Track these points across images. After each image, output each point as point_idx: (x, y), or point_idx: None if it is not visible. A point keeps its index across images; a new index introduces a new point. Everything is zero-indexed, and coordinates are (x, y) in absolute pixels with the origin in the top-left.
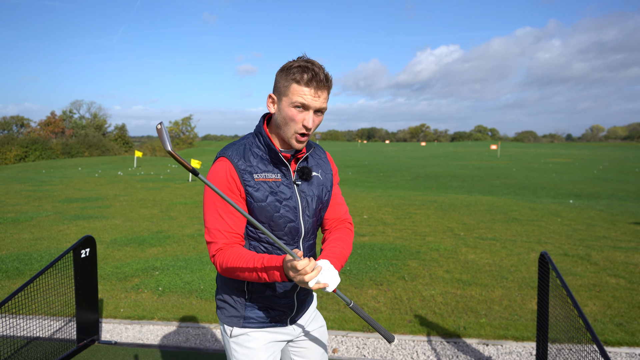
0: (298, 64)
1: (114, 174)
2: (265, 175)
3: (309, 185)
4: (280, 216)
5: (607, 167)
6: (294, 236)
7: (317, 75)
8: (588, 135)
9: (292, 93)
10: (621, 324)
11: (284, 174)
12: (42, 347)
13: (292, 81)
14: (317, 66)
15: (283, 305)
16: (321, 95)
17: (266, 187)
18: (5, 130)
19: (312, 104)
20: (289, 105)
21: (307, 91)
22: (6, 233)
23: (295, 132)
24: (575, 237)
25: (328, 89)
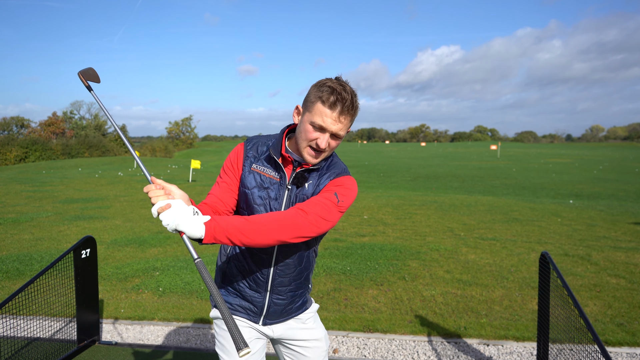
0: (330, 83)
1: (114, 175)
2: (264, 169)
3: (300, 192)
4: (258, 210)
5: (607, 167)
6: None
7: (344, 101)
8: (588, 135)
9: (314, 111)
10: (622, 324)
11: (281, 176)
12: (42, 347)
13: (318, 99)
14: (347, 91)
15: (253, 299)
16: (342, 121)
17: (257, 178)
18: (5, 130)
19: (330, 127)
20: (308, 121)
21: (329, 113)
22: (6, 234)
23: (307, 146)
24: (575, 237)
25: (352, 116)
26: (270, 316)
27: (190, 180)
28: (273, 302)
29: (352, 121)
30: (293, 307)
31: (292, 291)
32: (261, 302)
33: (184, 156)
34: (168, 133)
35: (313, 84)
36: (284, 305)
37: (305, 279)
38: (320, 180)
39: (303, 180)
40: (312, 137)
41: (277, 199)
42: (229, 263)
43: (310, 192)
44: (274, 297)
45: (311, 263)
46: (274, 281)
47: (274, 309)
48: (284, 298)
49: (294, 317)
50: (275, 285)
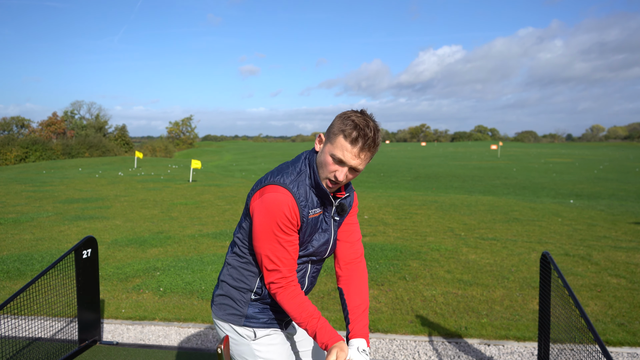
0: (355, 118)
1: (115, 175)
2: (315, 211)
3: (341, 220)
4: (311, 246)
5: (607, 167)
6: (314, 261)
7: (366, 138)
8: (588, 135)
9: (335, 144)
10: (622, 324)
11: (326, 209)
12: (43, 347)
13: (341, 133)
14: (370, 127)
15: (283, 309)
16: (362, 157)
17: (314, 221)
18: (5, 130)
19: (350, 161)
20: (329, 153)
21: (350, 148)
22: (7, 234)
23: (326, 177)
24: (576, 237)
25: (372, 152)
26: (291, 323)
27: (190, 180)
28: None
29: (372, 157)
30: None
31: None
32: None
33: (184, 156)
34: (168, 133)
35: (338, 115)
36: None
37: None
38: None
39: (346, 210)
40: (331, 170)
41: (328, 230)
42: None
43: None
44: None
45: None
46: (307, 291)
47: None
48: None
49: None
50: (305, 292)
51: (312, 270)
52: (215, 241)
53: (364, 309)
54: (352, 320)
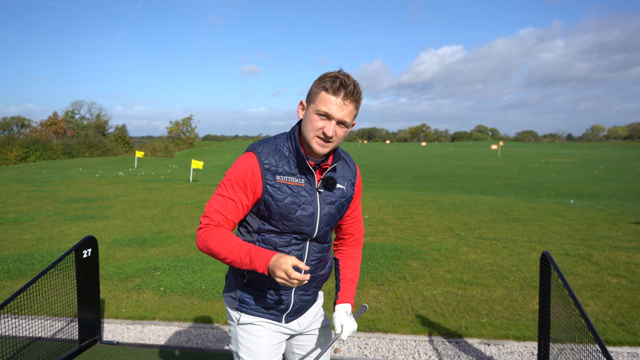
0: (332, 74)
1: (115, 175)
2: (288, 178)
3: (332, 195)
4: (295, 218)
5: (607, 166)
6: (304, 237)
7: (347, 85)
8: (589, 135)
9: (318, 100)
10: (623, 324)
11: (308, 179)
12: (44, 347)
13: (322, 89)
14: (350, 79)
15: (279, 299)
16: (347, 106)
17: (286, 189)
18: (6, 130)
19: (336, 114)
20: (314, 112)
21: (334, 100)
22: (7, 233)
23: (315, 136)
24: (576, 236)
25: (356, 101)
26: (294, 313)
27: (191, 180)
28: (300, 299)
29: (357, 108)
30: (311, 301)
31: (316, 287)
32: (287, 301)
33: (185, 156)
34: (169, 133)
35: (315, 80)
36: (307, 302)
37: (327, 276)
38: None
39: (334, 183)
40: (319, 126)
41: (312, 202)
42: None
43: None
44: (300, 293)
45: (331, 259)
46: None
47: (300, 305)
48: (310, 294)
49: (311, 308)
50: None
51: (311, 251)
52: None
53: (354, 282)
54: (342, 289)
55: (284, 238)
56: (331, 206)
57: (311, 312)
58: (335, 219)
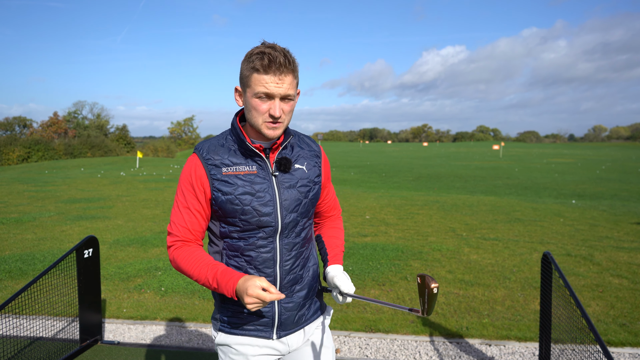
0: (257, 50)
1: (117, 175)
2: (236, 168)
3: (291, 177)
4: (251, 209)
5: (609, 167)
6: (270, 232)
7: (276, 60)
8: (590, 135)
9: (253, 83)
10: (624, 325)
11: (259, 165)
12: (45, 347)
13: (252, 70)
14: (277, 50)
15: (258, 312)
16: (284, 80)
17: (235, 180)
18: (8, 130)
19: (276, 91)
20: (253, 96)
21: (268, 79)
22: (9, 233)
23: (264, 121)
24: (577, 237)
25: (292, 72)
26: (284, 326)
27: None
28: (284, 308)
29: (295, 77)
30: (306, 312)
31: (303, 291)
32: (271, 311)
33: (186, 156)
34: (170, 133)
35: (242, 60)
36: (297, 310)
37: (313, 276)
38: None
39: (288, 163)
40: (264, 110)
41: (267, 189)
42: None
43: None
44: (284, 300)
45: (314, 256)
46: (282, 281)
47: (286, 316)
48: (295, 300)
49: (308, 323)
50: (284, 286)
51: (283, 250)
52: None
53: (341, 249)
54: (330, 254)
55: (248, 240)
56: (292, 190)
57: (307, 329)
58: (303, 204)
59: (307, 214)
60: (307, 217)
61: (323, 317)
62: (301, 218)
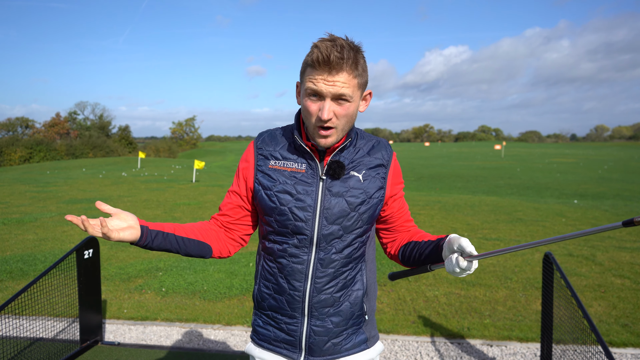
0: (318, 42)
1: (118, 175)
2: (285, 163)
3: (341, 184)
4: (287, 210)
5: (612, 167)
6: (304, 241)
7: (329, 53)
8: (592, 135)
9: (305, 80)
10: (626, 325)
11: (310, 165)
12: (45, 347)
13: (306, 65)
14: (338, 43)
15: (289, 327)
16: (337, 78)
17: (278, 175)
18: (10, 131)
19: (325, 89)
20: (304, 94)
21: (318, 74)
22: (10, 234)
23: (315, 125)
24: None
25: (352, 69)
26: (312, 351)
27: (193, 180)
28: (312, 331)
29: (357, 76)
30: (343, 342)
31: (338, 316)
32: (298, 331)
33: (188, 156)
34: (172, 133)
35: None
36: (328, 336)
37: (355, 303)
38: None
39: (340, 168)
40: (313, 111)
41: (310, 193)
42: (260, 281)
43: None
44: (313, 322)
45: (364, 282)
46: (312, 299)
47: (315, 340)
48: (327, 325)
49: (346, 356)
50: (314, 306)
51: (317, 265)
52: None
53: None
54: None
55: (281, 245)
56: (338, 199)
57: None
58: (349, 216)
59: (356, 230)
60: (357, 235)
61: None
62: (345, 233)
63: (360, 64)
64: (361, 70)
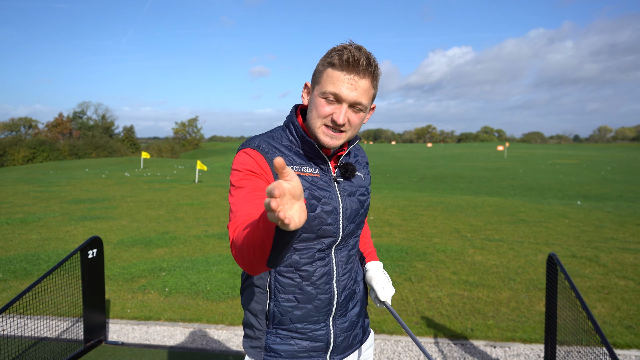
0: (340, 46)
1: (121, 175)
2: (301, 168)
3: (351, 185)
4: (315, 217)
5: (615, 168)
6: (329, 244)
7: (357, 59)
8: (596, 136)
9: (324, 80)
10: (630, 327)
11: (322, 169)
12: (49, 347)
13: (328, 65)
14: (362, 50)
15: (312, 336)
16: (360, 84)
17: (302, 181)
18: (13, 131)
19: (347, 94)
20: (319, 94)
21: (342, 77)
22: (14, 234)
23: (322, 124)
24: (583, 238)
25: (371, 77)
26: (338, 349)
27: (196, 180)
28: (339, 329)
29: (374, 87)
30: (359, 333)
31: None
32: (326, 334)
33: (191, 157)
34: (174, 134)
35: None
36: (349, 331)
37: (364, 291)
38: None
39: (353, 169)
40: (327, 112)
41: (332, 196)
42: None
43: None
44: (338, 321)
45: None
46: (340, 298)
47: (342, 337)
48: (350, 320)
49: (358, 348)
50: (340, 304)
51: (339, 262)
52: (221, 242)
53: (373, 247)
54: (365, 251)
55: (304, 253)
56: (352, 198)
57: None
58: (360, 214)
59: (362, 225)
60: (361, 228)
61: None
62: (357, 228)
63: (379, 77)
64: (377, 83)
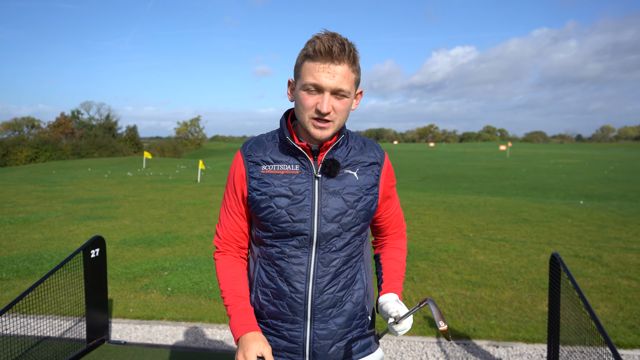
0: (314, 37)
1: (124, 175)
2: (277, 167)
3: (337, 182)
4: (285, 213)
5: (618, 167)
6: (303, 242)
7: (330, 47)
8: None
9: (303, 72)
10: (633, 326)
11: (303, 165)
12: (52, 346)
13: (304, 58)
14: (337, 37)
15: (290, 333)
16: (337, 70)
17: (272, 179)
18: (16, 131)
19: (326, 82)
20: (301, 88)
21: (318, 66)
22: (17, 233)
23: (310, 118)
24: (586, 238)
25: (349, 62)
26: (318, 356)
27: (198, 180)
28: (316, 335)
29: (354, 71)
30: (349, 345)
31: (341, 316)
32: (300, 336)
33: (193, 156)
34: (177, 133)
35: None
36: (332, 339)
37: (357, 302)
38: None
39: (335, 166)
40: (311, 104)
41: (306, 192)
42: (256, 289)
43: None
44: (317, 325)
45: (364, 280)
46: (315, 300)
47: (320, 344)
48: (330, 327)
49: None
50: (317, 308)
51: (318, 264)
52: None
53: (400, 275)
54: (385, 280)
55: (280, 248)
56: (335, 197)
57: None
58: (347, 214)
59: (354, 228)
60: (355, 233)
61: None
62: (344, 231)
63: (357, 60)
64: (358, 66)
